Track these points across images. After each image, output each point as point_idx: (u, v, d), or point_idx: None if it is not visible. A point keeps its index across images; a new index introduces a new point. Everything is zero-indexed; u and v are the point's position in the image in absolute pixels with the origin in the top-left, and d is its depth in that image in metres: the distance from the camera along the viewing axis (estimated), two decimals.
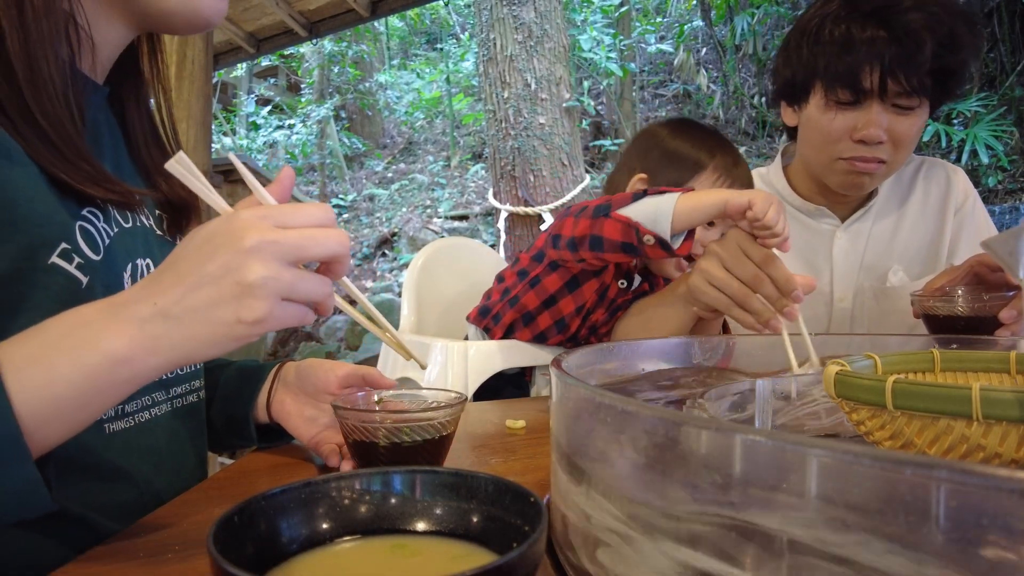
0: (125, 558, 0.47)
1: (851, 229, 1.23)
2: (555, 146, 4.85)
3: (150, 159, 0.69)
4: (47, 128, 0.53)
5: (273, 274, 0.44)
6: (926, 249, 1.23)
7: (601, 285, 1.13)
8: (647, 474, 0.32)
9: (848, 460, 0.24)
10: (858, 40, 1.00)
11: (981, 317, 0.89)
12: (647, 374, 0.67)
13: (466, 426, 0.87)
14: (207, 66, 2.80)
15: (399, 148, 9.10)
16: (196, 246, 0.46)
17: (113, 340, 0.44)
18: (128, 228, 0.63)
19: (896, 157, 1.09)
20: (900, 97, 1.03)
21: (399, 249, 6.81)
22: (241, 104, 9.67)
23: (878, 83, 1.01)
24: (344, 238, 0.48)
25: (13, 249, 0.50)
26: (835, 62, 1.03)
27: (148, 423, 0.62)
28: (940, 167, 1.27)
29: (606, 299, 1.16)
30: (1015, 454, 0.41)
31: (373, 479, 0.39)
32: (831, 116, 1.07)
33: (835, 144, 1.09)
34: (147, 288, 0.46)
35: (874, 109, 1.04)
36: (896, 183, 1.26)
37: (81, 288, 0.54)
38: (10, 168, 0.50)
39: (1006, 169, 5.05)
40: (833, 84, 1.04)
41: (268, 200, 0.50)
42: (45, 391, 0.42)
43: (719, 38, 7.03)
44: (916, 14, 0.98)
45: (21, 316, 0.50)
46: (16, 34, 0.51)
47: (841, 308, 1.22)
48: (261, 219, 0.45)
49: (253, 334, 0.45)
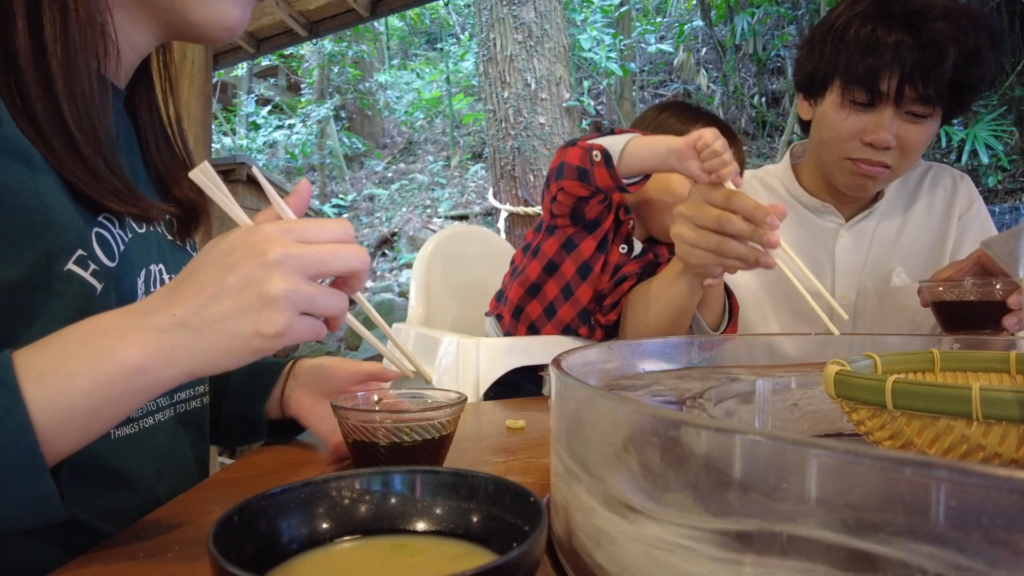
0: (125, 558, 0.47)
1: (855, 228, 1.23)
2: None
3: (161, 161, 0.70)
4: (79, 139, 0.53)
5: (294, 287, 0.45)
6: (929, 252, 1.24)
7: (598, 244, 1.15)
8: (647, 474, 0.32)
9: (848, 460, 0.24)
10: (882, 43, 1.00)
11: (990, 302, 0.91)
12: (647, 374, 0.67)
13: (466, 426, 0.87)
14: (207, 66, 2.80)
15: (399, 148, 9.10)
16: (216, 257, 0.46)
17: (130, 349, 0.44)
18: (142, 234, 0.63)
19: (902, 164, 1.09)
20: (915, 104, 1.03)
21: (399, 249, 6.81)
22: (241, 104, 9.67)
23: (895, 88, 1.01)
24: (364, 254, 0.49)
25: (31, 255, 0.50)
26: (856, 62, 1.03)
27: (152, 428, 0.63)
28: (947, 173, 1.28)
29: (608, 265, 1.17)
30: (1015, 454, 0.41)
31: (373, 479, 0.39)
32: (844, 115, 1.07)
33: (844, 143, 1.09)
34: (165, 298, 0.46)
35: (887, 114, 1.04)
36: (903, 186, 1.26)
37: (96, 295, 0.54)
38: (31, 175, 0.51)
39: (1006, 169, 5.05)
40: (851, 83, 1.04)
41: (288, 213, 0.50)
42: (61, 400, 0.42)
43: (719, 38, 7.03)
44: (943, 24, 0.98)
45: (36, 323, 0.51)
46: (59, 45, 0.52)
47: (843, 306, 1.23)
48: (284, 233, 0.46)
49: (270, 347, 0.46)
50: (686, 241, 0.87)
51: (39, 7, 0.52)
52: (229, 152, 8.53)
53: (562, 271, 1.17)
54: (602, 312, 1.19)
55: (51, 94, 0.52)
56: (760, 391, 0.62)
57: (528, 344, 1.20)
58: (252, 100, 9.70)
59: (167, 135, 0.72)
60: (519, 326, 1.23)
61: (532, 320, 1.22)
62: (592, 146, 0.96)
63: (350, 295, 0.51)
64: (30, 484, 0.42)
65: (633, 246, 1.20)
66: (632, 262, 1.19)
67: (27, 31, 0.51)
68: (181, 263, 0.70)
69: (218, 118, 9.03)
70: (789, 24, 6.75)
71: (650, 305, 1.07)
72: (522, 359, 1.21)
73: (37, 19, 0.52)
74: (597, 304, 1.19)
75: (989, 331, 0.92)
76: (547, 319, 1.21)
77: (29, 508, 0.42)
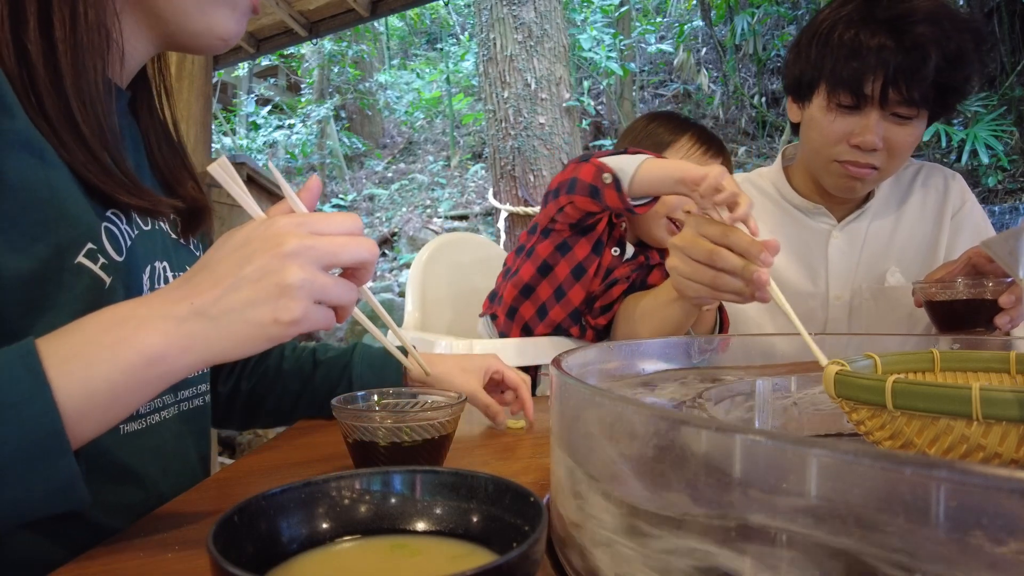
0: (125, 558, 0.47)
1: (847, 229, 1.24)
2: (555, 146, 4.85)
3: (164, 161, 0.72)
4: (87, 134, 0.55)
5: (310, 277, 0.47)
6: (923, 252, 1.24)
7: (593, 246, 1.16)
8: (647, 474, 0.32)
9: (848, 460, 0.24)
10: (865, 47, 1.01)
11: (981, 301, 0.92)
12: (647, 374, 0.67)
13: (466, 426, 0.87)
14: (207, 66, 2.80)
15: (399, 148, 9.10)
16: (232, 249, 0.48)
17: (150, 338, 0.45)
18: (147, 231, 0.64)
19: (890, 165, 1.11)
20: (900, 106, 1.04)
21: (399, 249, 6.81)
22: (241, 104, 9.67)
23: (880, 91, 1.02)
24: (373, 246, 0.51)
25: (43, 248, 0.51)
26: (841, 66, 1.04)
27: (156, 425, 0.64)
28: (939, 172, 1.29)
29: (601, 268, 1.18)
30: (1015, 454, 0.41)
31: (373, 479, 0.39)
32: (831, 118, 1.08)
33: (832, 146, 1.10)
34: (182, 288, 0.47)
35: (873, 116, 1.05)
36: (895, 185, 1.27)
37: (105, 288, 0.56)
38: (44, 168, 0.52)
39: (1006, 169, 5.05)
40: (836, 87, 1.05)
41: (300, 207, 0.52)
42: (84, 386, 0.43)
43: (719, 38, 7.03)
44: (926, 27, 0.99)
45: (46, 314, 0.52)
46: (69, 45, 0.54)
47: (837, 307, 1.23)
48: (298, 226, 0.48)
49: (287, 335, 0.47)
50: (681, 274, 0.86)
51: (50, 8, 0.54)
52: (229, 152, 8.54)
53: (556, 272, 1.18)
54: (592, 315, 1.20)
55: (61, 91, 0.53)
56: (760, 391, 0.62)
57: (522, 345, 1.21)
58: (252, 100, 9.69)
59: (169, 136, 0.74)
60: (513, 326, 1.24)
61: (526, 320, 1.23)
62: (603, 167, 0.97)
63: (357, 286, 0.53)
64: (55, 468, 0.42)
65: (625, 248, 1.21)
66: (624, 265, 1.20)
67: (38, 30, 0.53)
68: (185, 261, 0.71)
69: (218, 118, 9.03)
70: (789, 24, 6.75)
71: (643, 321, 1.07)
72: (516, 360, 1.21)
73: (48, 20, 0.53)
74: (588, 306, 1.20)
75: (982, 329, 0.93)
76: (539, 319, 1.21)
77: (54, 493, 0.43)
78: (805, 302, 1.23)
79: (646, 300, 1.09)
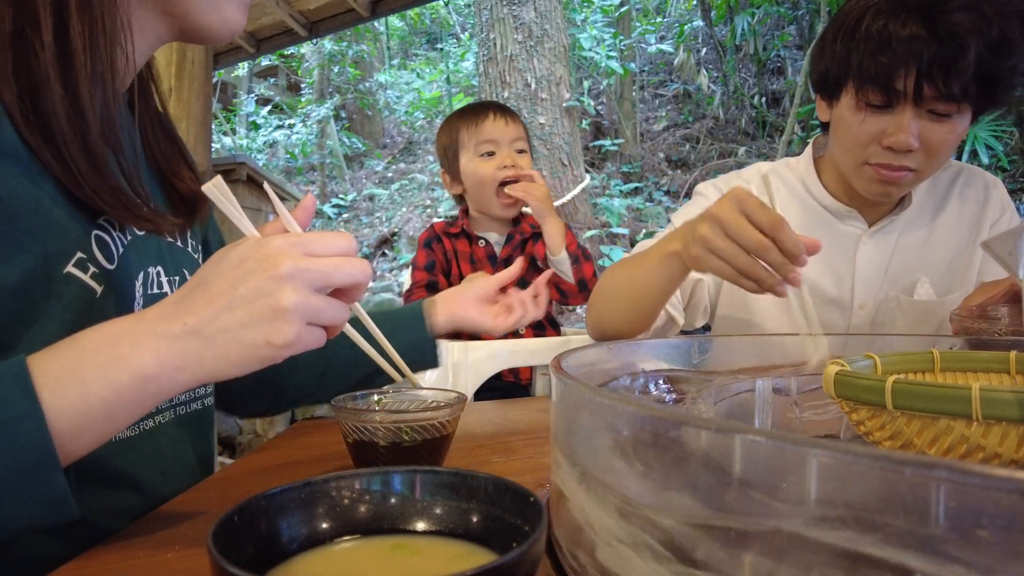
0: (125, 558, 0.47)
1: (878, 235, 1.15)
2: (555, 146, 4.85)
3: (160, 153, 0.71)
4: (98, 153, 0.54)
5: (304, 300, 0.46)
6: (956, 263, 1.15)
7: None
8: (646, 474, 0.32)
9: (848, 460, 0.24)
10: (895, 38, 0.92)
11: None
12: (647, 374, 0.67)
13: (466, 426, 0.87)
14: (207, 66, 2.80)
15: (399, 148, 9.10)
16: (227, 268, 0.47)
17: (143, 356, 0.45)
18: (141, 236, 0.64)
19: (928, 166, 1.01)
20: (937, 103, 0.94)
21: (399, 249, 6.81)
22: (241, 104, 9.67)
23: (913, 87, 0.93)
24: (367, 267, 0.51)
25: (30, 259, 0.51)
26: (868, 61, 0.95)
27: (152, 431, 0.63)
28: (979, 178, 1.19)
29: (483, 261, 1.50)
30: (1015, 454, 0.41)
31: (373, 479, 0.39)
32: (861, 118, 0.99)
33: (863, 148, 1.01)
34: (176, 306, 0.47)
35: (907, 114, 0.95)
36: (931, 190, 1.17)
37: (95, 297, 0.55)
38: (31, 179, 0.51)
39: (1006, 169, 5.05)
40: (864, 84, 0.96)
41: (294, 227, 0.53)
42: (77, 405, 0.43)
43: (719, 38, 7.03)
44: (962, 14, 0.89)
45: (35, 325, 0.51)
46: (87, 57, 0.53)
47: (861, 315, 1.15)
48: (292, 246, 0.47)
49: (279, 356, 0.47)
50: (711, 248, 0.80)
51: (67, 19, 0.52)
52: (229, 152, 8.53)
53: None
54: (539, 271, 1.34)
55: (78, 108, 0.52)
56: (760, 391, 0.62)
57: (515, 347, 1.21)
58: (252, 100, 9.70)
59: (164, 125, 0.73)
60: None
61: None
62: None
63: (349, 304, 0.53)
64: (46, 485, 0.42)
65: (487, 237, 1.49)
66: (504, 247, 1.48)
67: (54, 44, 0.52)
68: (180, 263, 0.70)
69: (218, 118, 9.02)
70: (789, 24, 6.75)
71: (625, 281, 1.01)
72: (509, 362, 1.22)
73: (64, 30, 0.52)
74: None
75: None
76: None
77: (44, 508, 0.43)
78: (827, 309, 1.16)
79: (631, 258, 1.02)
